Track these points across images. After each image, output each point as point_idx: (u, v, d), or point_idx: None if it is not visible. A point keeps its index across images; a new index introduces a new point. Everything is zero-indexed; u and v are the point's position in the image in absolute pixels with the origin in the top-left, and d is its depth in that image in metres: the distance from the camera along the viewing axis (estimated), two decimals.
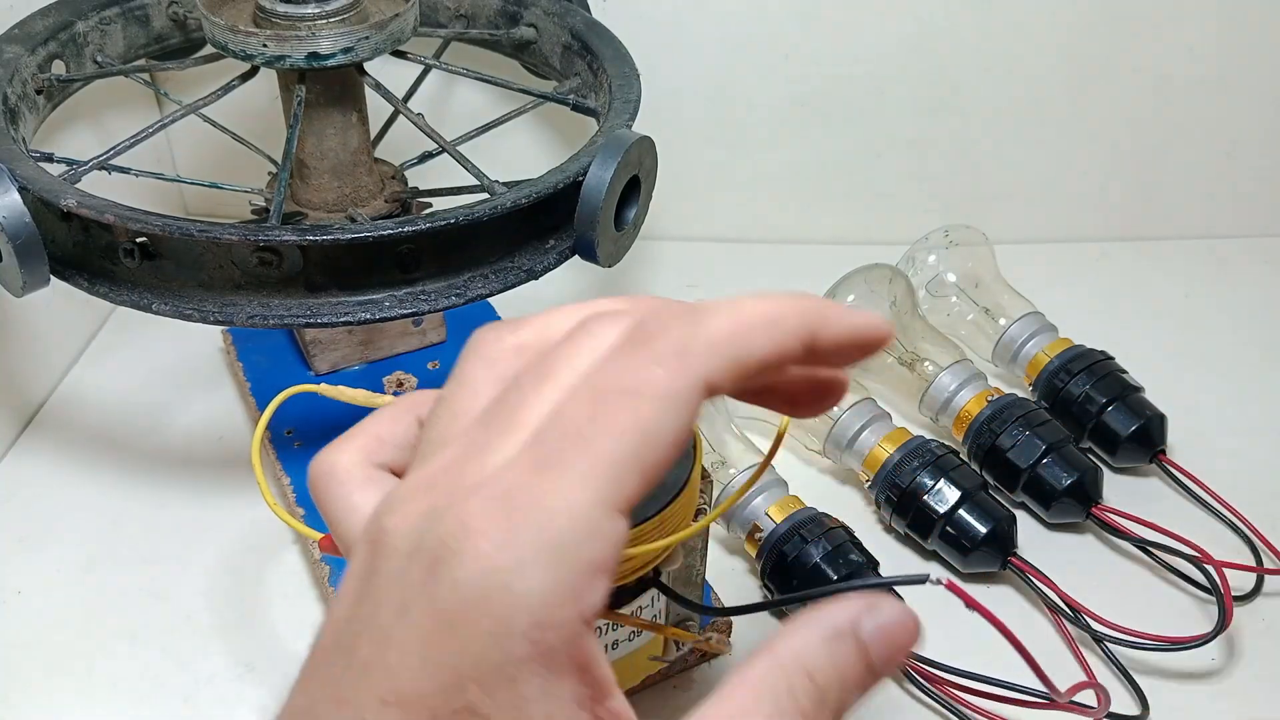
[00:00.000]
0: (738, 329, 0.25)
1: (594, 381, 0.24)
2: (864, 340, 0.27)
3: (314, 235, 0.45)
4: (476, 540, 0.22)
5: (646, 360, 0.24)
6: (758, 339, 0.25)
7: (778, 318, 0.26)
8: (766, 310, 0.26)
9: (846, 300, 0.60)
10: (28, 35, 0.56)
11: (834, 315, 0.27)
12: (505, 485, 0.23)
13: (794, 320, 0.26)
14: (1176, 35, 0.70)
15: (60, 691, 0.48)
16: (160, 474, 0.59)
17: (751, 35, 0.70)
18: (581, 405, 0.24)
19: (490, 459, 0.24)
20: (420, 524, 0.23)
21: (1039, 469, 0.54)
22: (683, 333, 0.25)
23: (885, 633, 0.26)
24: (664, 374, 0.23)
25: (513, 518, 0.22)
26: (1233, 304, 0.72)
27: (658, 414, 0.23)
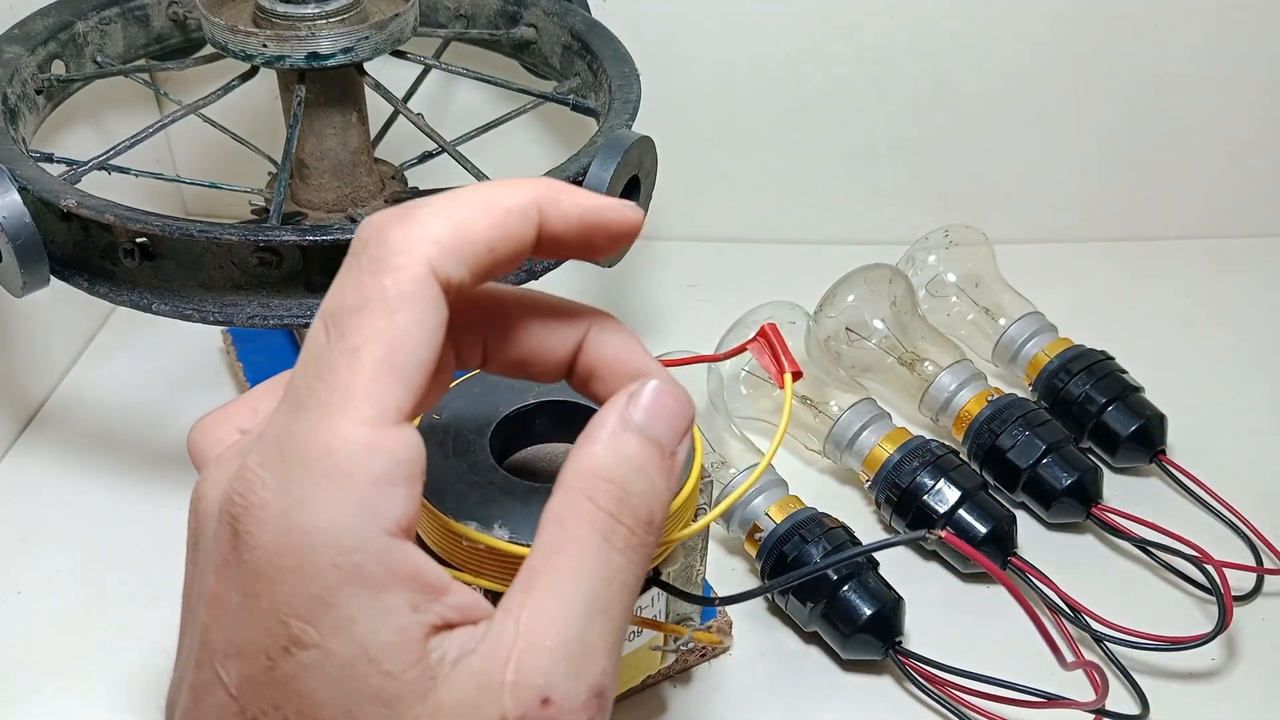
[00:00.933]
0: (458, 219, 0.25)
1: (327, 309, 0.25)
2: (601, 223, 0.27)
3: (314, 235, 0.45)
4: (259, 491, 0.23)
5: (367, 271, 0.24)
6: (479, 226, 0.25)
7: (499, 201, 0.26)
8: (488, 195, 0.26)
9: (847, 300, 0.60)
10: (28, 35, 0.56)
11: (566, 195, 0.27)
12: (274, 432, 0.24)
13: (518, 200, 0.26)
14: (1176, 35, 0.70)
15: (60, 691, 0.48)
16: (160, 474, 0.59)
17: (751, 35, 0.71)
18: (319, 336, 0.24)
19: (273, 416, 0.25)
20: (222, 486, 0.24)
21: (1039, 469, 0.54)
22: (399, 234, 0.25)
23: (653, 409, 0.26)
24: (387, 280, 0.24)
25: (285, 460, 0.23)
26: (1233, 304, 0.72)
27: (392, 318, 0.24)
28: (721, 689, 0.48)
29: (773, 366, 0.46)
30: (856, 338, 0.60)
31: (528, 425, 0.44)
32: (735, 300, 0.60)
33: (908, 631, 0.49)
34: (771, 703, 0.48)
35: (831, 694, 0.48)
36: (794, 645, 0.50)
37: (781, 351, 0.45)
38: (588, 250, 0.28)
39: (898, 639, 0.48)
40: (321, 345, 0.24)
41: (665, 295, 0.72)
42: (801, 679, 0.49)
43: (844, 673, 0.49)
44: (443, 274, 0.25)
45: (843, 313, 0.60)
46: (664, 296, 0.72)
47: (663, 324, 0.70)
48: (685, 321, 0.69)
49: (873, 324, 0.60)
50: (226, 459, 0.26)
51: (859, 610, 0.48)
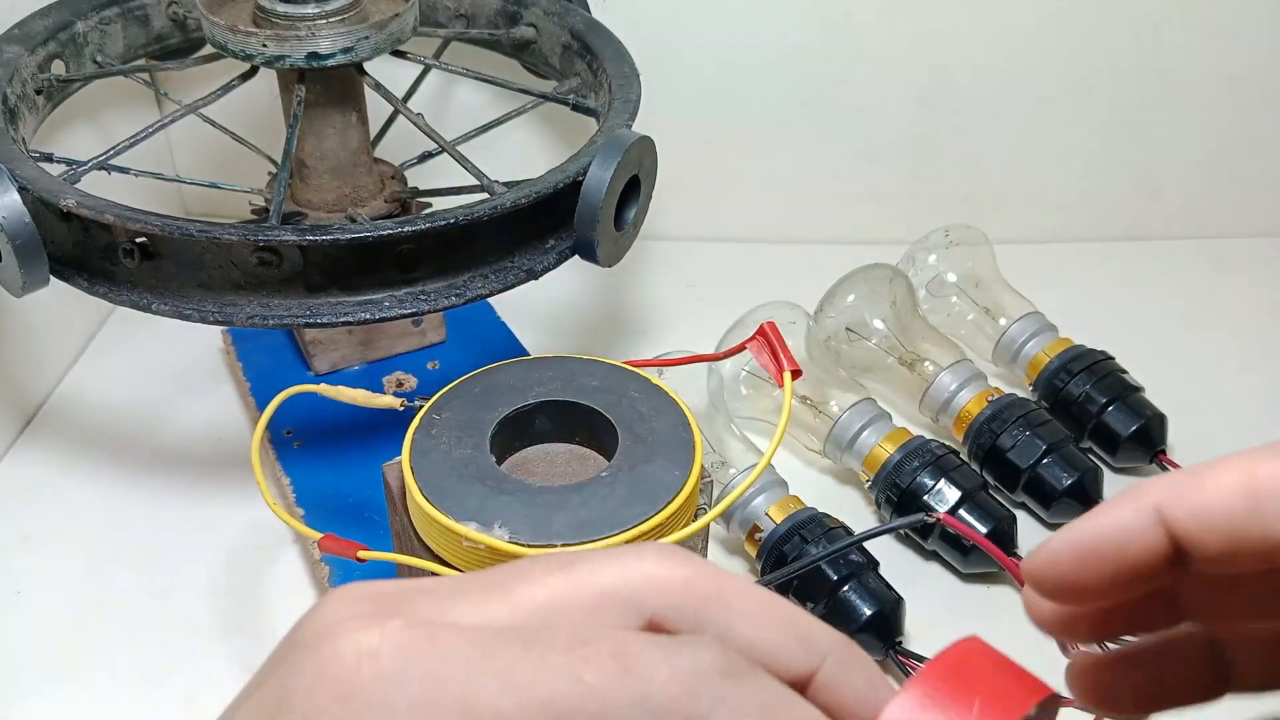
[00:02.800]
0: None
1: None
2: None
3: (314, 235, 0.45)
4: (357, 663, 0.20)
5: (663, 651, 0.21)
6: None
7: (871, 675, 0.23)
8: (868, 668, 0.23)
9: (847, 300, 0.60)
10: (28, 35, 0.56)
11: (858, 675, 0.22)
12: (433, 633, 0.21)
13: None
14: (1176, 35, 0.70)
15: (60, 691, 0.48)
16: (160, 474, 0.59)
17: (751, 35, 0.70)
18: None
19: (451, 605, 0.22)
20: (336, 623, 0.21)
21: (1039, 469, 0.54)
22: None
23: None
24: (668, 673, 0.20)
25: (409, 666, 0.20)
26: (1233, 304, 0.72)
27: (627, 705, 0.20)
28: None
29: (772, 365, 0.46)
30: (856, 338, 0.60)
31: (528, 425, 0.44)
32: (735, 300, 0.60)
33: (908, 631, 0.49)
34: None
35: None
36: None
37: (781, 350, 0.45)
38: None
39: (898, 639, 0.48)
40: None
41: (665, 295, 0.72)
42: None
43: None
44: (660, 617, 0.22)
45: (843, 313, 0.60)
46: (664, 296, 0.72)
47: (663, 324, 0.70)
48: (685, 321, 0.69)
49: (873, 324, 0.60)
50: (348, 595, 0.23)
51: (859, 610, 0.48)
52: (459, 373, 0.46)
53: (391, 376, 0.61)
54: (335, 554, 0.42)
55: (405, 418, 0.44)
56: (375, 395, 0.46)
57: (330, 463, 0.56)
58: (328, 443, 0.57)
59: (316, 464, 0.56)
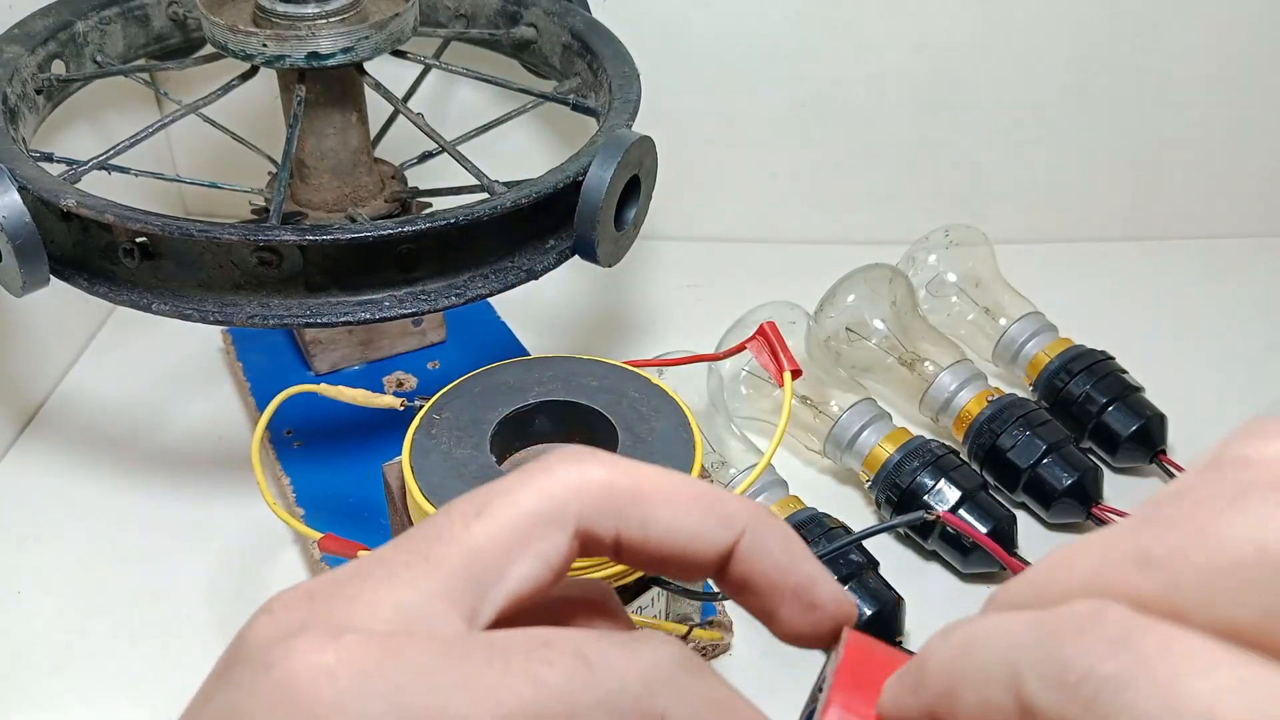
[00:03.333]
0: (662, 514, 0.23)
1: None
2: (799, 591, 0.23)
3: (314, 235, 0.45)
4: (316, 683, 0.20)
5: (623, 647, 0.21)
6: (673, 515, 0.23)
7: (705, 502, 0.23)
8: (698, 490, 0.23)
9: (847, 300, 0.60)
10: (28, 35, 0.56)
11: (774, 537, 0.23)
12: (392, 648, 0.20)
13: (719, 515, 0.23)
14: (1176, 35, 0.70)
15: (60, 691, 0.48)
16: (160, 474, 0.59)
17: (752, 35, 0.71)
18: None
19: (390, 594, 0.21)
20: (279, 635, 0.21)
21: (1039, 469, 0.54)
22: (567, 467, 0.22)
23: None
24: (625, 661, 0.20)
25: (376, 684, 0.19)
26: (1233, 304, 0.72)
27: (594, 704, 0.20)
28: None
29: (772, 365, 0.46)
30: (856, 338, 0.60)
31: (528, 425, 0.44)
32: (735, 300, 0.60)
33: (908, 631, 0.49)
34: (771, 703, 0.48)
35: None
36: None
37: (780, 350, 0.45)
38: (770, 611, 0.24)
39: (898, 639, 0.48)
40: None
41: (665, 295, 0.72)
42: (802, 679, 0.49)
43: None
44: (588, 524, 0.22)
45: (843, 313, 0.60)
46: (664, 296, 0.72)
47: (663, 324, 0.70)
48: (685, 321, 0.69)
49: (873, 324, 0.60)
50: (286, 603, 0.22)
51: (859, 610, 0.48)
52: (459, 373, 0.46)
53: (391, 376, 0.61)
54: (335, 554, 0.42)
55: (405, 418, 0.44)
56: (375, 395, 0.46)
57: (330, 463, 0.56)
58: (328, 443, 0.57)
59: (316, 464, 0.56)
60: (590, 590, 0.25)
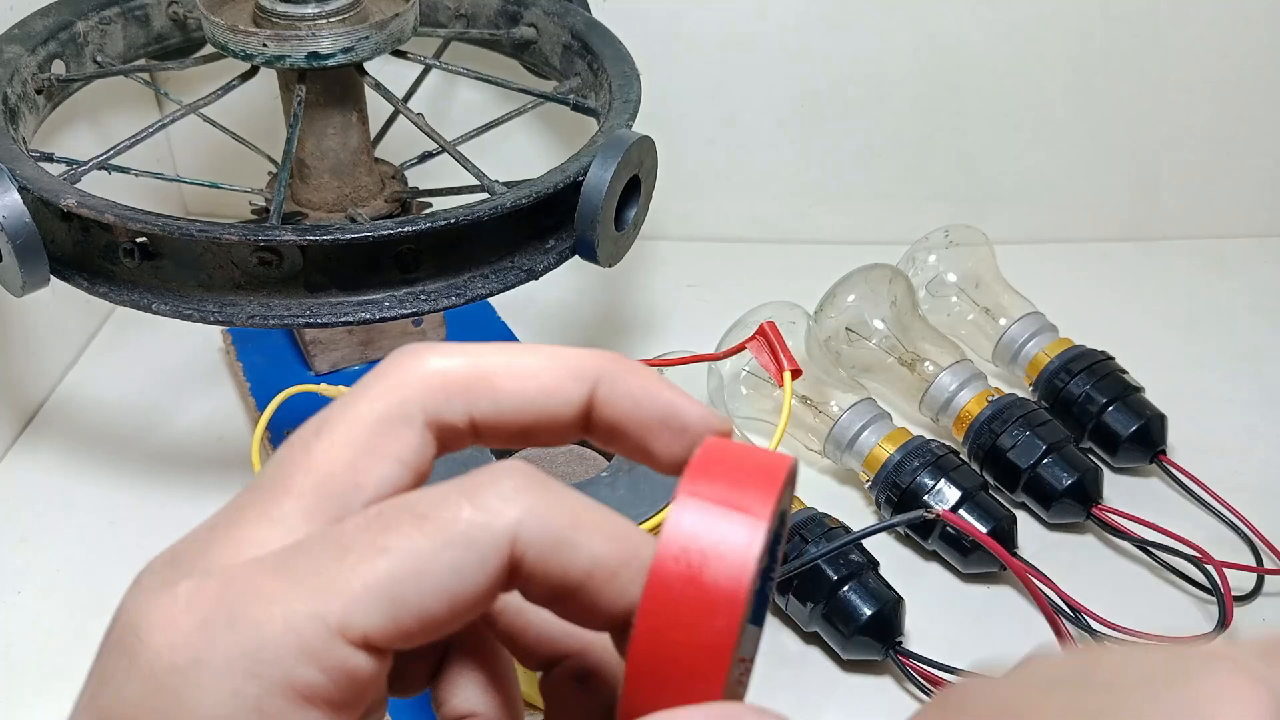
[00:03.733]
0: (496, 368, 0.22)
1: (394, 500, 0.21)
2: (667, 416, 0.23)
3: (314, 235, 0.45)
4: (162, 632, 0.20)
5: (457, 492, 0.20)
6: (517, 381, 0.22)
7: (556, 362, 0.23)
8: (542, 352, 0.23)
9: (847, 300, 0.60)
10: (28, 35, 0.56)
11: (631, 376, 0.23)
12: (227, 577, 0.20)
13: (572, 366, 0.22)
14: (1176, 35, 0.70)
15: (60, 691, 0.48)
16: (160, 474, 0.59)
17: (752, 35, 0.71)
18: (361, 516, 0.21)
19: (245, 533, 0.21)
20: (141, 603, 0.21)
21: (1039, 469, 0.54)
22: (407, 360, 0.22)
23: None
24: (470, 510, 0.20)
25: (217, 613, 0.19)
26: (1233, 304, 0.72)
27: (440, 548, 0.19)
28: None
29: (772, 365, 0.46)
30: (856, 338, 0.60)
31: None
32: (735, 300, 0.60)
33: (908, 631, 0.49)
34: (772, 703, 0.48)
35: (832, 694, 0.48)
36: (794, 646, 0.50)
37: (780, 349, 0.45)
38: (645, 448, 0.23)
39: (898, 639, 0.48)
40: (357, 524, 0.21)
41: (665, 295, 0.72)
42: (801, 679, 0.49)
43: (844, 673, 0.49)
44: (436, 415, 0.22)
45: (843, 313, 0.60)
46: (664, 296, 0.72)
47: (663, 324, 0.70)
48: (685, 321, 0.69)
49: (873, 324, 0.60)
50: (157, 565, 0.22)
51: (859, 611, 0.48)
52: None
53: None
54: None
55: None
56: None
57: None
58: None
59: None
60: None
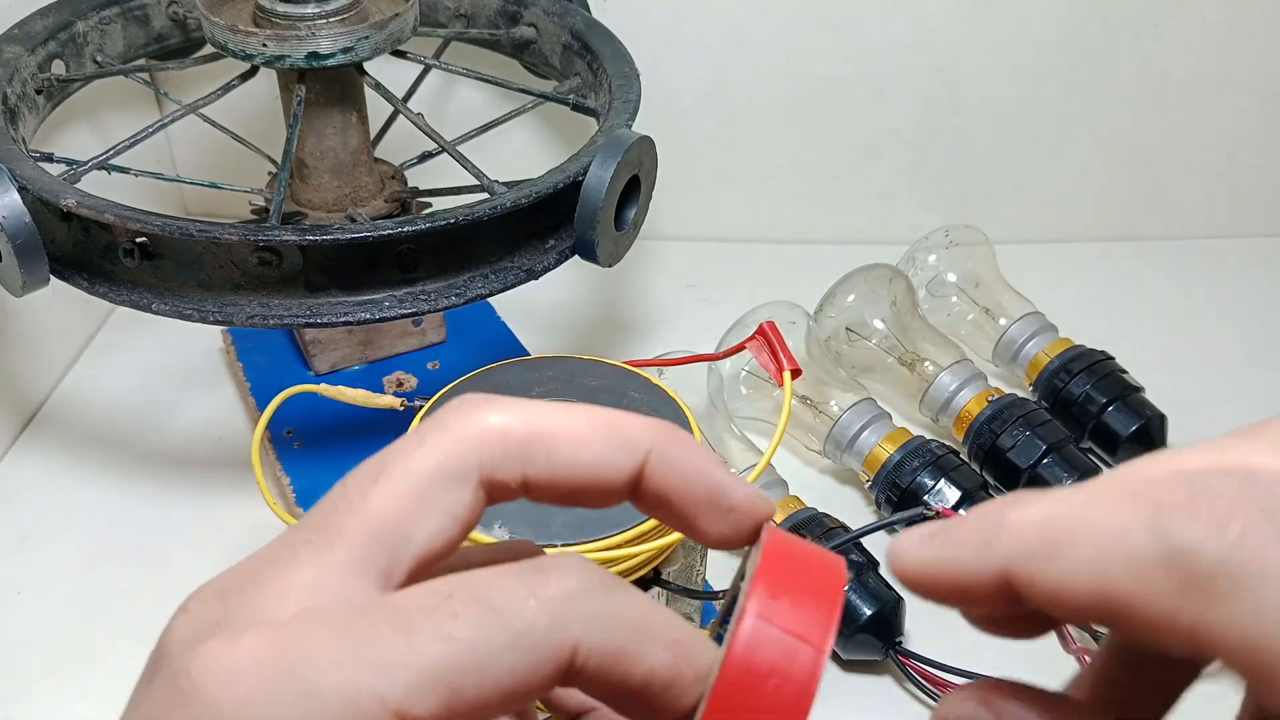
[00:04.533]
0: (550, 427, 0.22)
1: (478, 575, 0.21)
2: (715, 495, 0.23)
3: (314, 235, 0.45)
4: (223, 686, 0.19)
5: (525, 587, 0.20)
6: (571, 442, 0.22)
7: (605, 430, 0.23)
8: (599, 417, 0.23)
9: (847, 300, 0.60)
10: (28, 35, 0.56)
11: (682, 448, 0.23)
12: (289, 636, 0.19)
13: (622, 440, 0.23)
14: (1176, 35, 0.70)
15: (60, 691, 0.48)
16: (160, 474, 0.59)
17: (751, 35, 0.70)
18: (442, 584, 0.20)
19: (297, 577, 0.21)
20: (191, 639, 0.21)
21: (1039, 469, 0.54)
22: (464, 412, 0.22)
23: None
24: (535, 608, 0.20)
25: (278, 674, 0.19)
26: (1233, 304, 0.72)
27: (504, 648, 0.19)
28: None
29: (771, 364, 0.46)
30: (856, 338, 0.60)
31: None
32: (735, 300, 0.60)
33: (908, 631, 0.49)
34: None
35: (831, 694, 0.48)
36: None
37: (780, 349, 0.45)
38: (690, 524, 0.23)
39: (898, 639, 0.48)
40: (436, 594, 0.20)
41: (665, 295, 0.72)
42: None
43: (844, 673, 0.49)
44: (491, 472, 0.22)
45: (843, 313, 0.60)
46: (664, 296, 0.72)
47: (663, 324, 0.70)
48: (685, 321, 0.69)
49: (873, 324, 0.60)
50: (203, 599, 0.23)
51: (859, 610, 0.48)
52: (459, 373, 0.46)
53: (391, 376, 0.61)
54: None
55: (405, 418, 0.44)
56: (375, 395, 0.46)
57: (330, 463, 0.56)
58: (328, 443, 0.57)
59: (316, 464, 0.56)
60: (520, 551, 0.25)
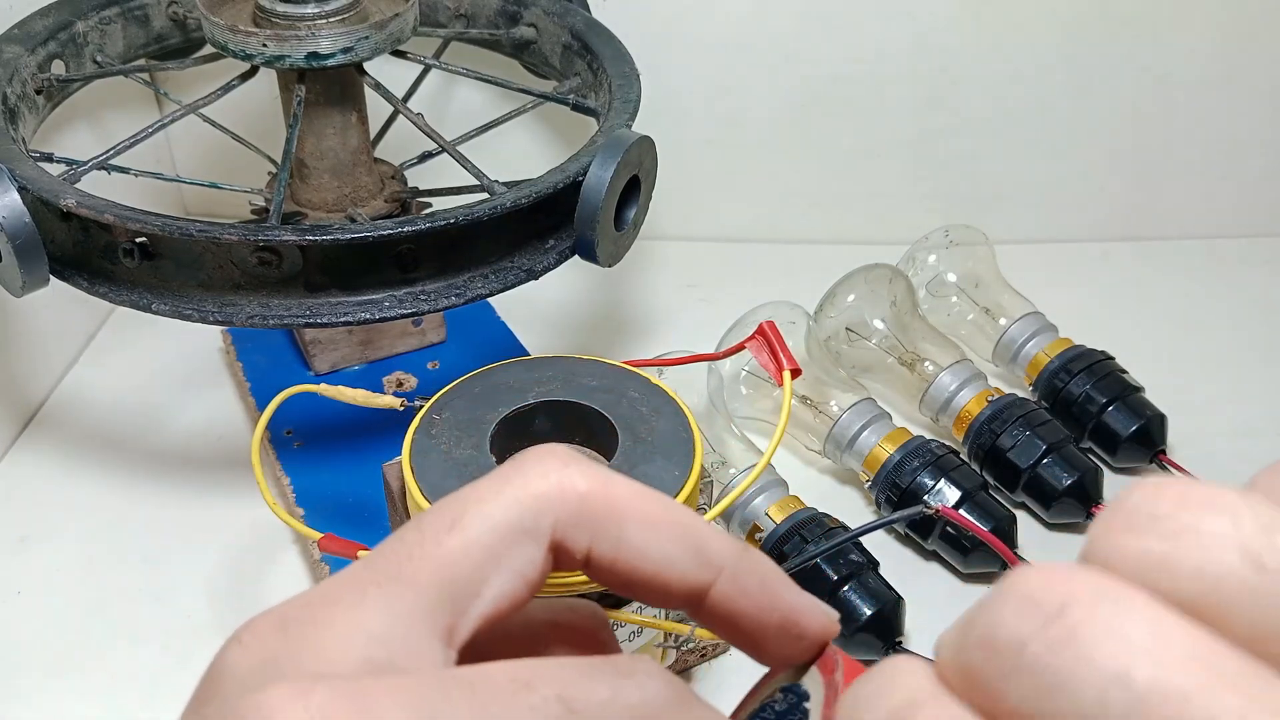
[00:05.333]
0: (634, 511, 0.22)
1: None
2: (788, 621, 0.22)
3: (314, 235, 0.45)
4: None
5: (606, 686, 0.20)
6: (645, 543, 0.22)
7: (685, 533, 0.22)
8: (684, 518, 0.22)
9: (847, 300, 0.60)
10: (28, 35, 0.56)
11: (757, 572, 0.22)
12: (363, 703, 0.18)
13: (706, 558, 0.22)
14: (1176, 35, 0.70)
15: (60, 691, 0.48)
16: (160, 474, 0.59)
17: (752, 35, 0.71)
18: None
19: (364, 623, 0.20)
20: (251, 676, 0.20)
21: (1039, 469, 0.54)
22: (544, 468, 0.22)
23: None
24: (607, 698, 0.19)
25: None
26: (1233, 304, 0.72)
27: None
28: (721, 689, 0.48)
29: (771, 364, 0.46)
30: (856, 338, 0.60)
31: (528, 425, 0.44)
32: (735, 300, 0.60)
33: (908, 631, 0.49)
34: None
35: None
36: None
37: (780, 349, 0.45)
38: (757, 646, 0.23)
39: (898, 639, 0.48)
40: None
41: (665, 295, 0.72)
42: None
43: None
44: (561, 537, 0.21)
45: (843, 313, 0.60)
46: (664, 296, 0.72)
47: (663, 324, 0.70)
48: (685, 321, 0.69)
49: (873, 324, 0.60)
50: (261, 630, 0.21)
51: (859, 610, 0.48)
52: (459, 373, 0.46)
53: (391, 376, 0.61)
54: (335, 554, 0.42)
55: (405, 418, 0.44)
56: (375, 395, 0.46)
57: (330, 463, 0.56)
58: (328, 443, 0.57)
59: (316, 464, 0.56)
60: (581, 614, 0.24)
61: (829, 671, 0.22)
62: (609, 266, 0.51)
